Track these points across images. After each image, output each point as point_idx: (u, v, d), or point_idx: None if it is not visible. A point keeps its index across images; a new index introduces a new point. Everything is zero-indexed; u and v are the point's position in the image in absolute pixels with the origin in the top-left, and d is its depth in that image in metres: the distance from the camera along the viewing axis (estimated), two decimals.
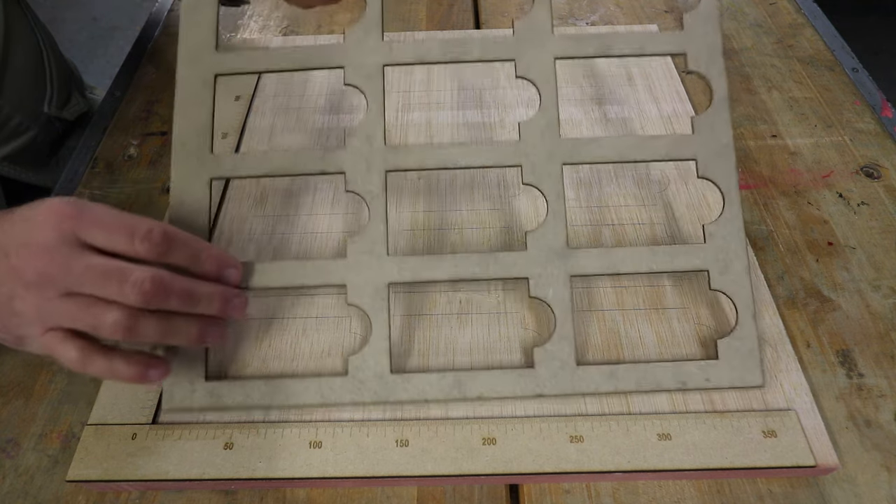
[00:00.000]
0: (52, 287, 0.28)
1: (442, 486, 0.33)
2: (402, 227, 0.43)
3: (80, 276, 0.28)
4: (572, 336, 0.34)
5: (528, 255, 0.35)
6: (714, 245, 0.35)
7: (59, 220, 0.28)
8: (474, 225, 0.43)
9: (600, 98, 0.51)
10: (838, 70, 0.53)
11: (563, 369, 0.34)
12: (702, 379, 0.34)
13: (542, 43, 0.37)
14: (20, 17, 0.55)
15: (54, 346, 0.29)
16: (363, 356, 0.34)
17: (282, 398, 0.34)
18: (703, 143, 0.36)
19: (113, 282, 0.28)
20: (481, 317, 0.38)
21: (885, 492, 0.32)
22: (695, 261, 0.35)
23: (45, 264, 0.28)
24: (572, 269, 0.35)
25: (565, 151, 0.36)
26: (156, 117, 0.53)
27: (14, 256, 0.28)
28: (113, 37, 1.82)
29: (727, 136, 0.36)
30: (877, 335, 0.38)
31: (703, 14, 0.38)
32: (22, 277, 0.28)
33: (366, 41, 0.37)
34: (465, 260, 0.35)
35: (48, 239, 0.28)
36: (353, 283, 0.35)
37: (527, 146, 0.36)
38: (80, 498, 0.33)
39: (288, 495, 0.33)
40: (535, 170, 0.36)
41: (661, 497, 0.32)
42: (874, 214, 0.43)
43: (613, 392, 0.34)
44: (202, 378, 0.35)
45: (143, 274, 0.28)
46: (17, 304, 0.28)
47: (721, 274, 0.35)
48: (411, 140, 0.48)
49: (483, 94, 0.51)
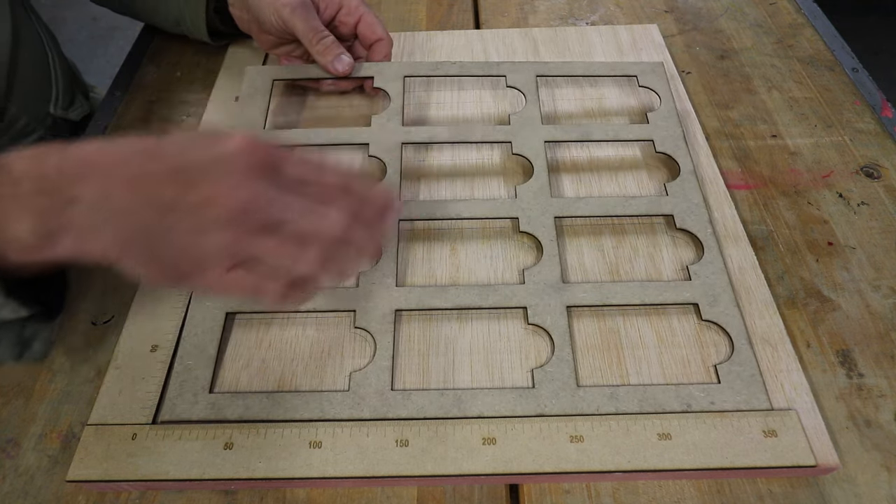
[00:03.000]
0: (252, 220, 0.26)
1: (442, 486, 0.33)
2: (403, 226, 0.43)
3: (281, 210, 0.27)
4: (571, 360, 0.35)
5: (526, 288, 0.38)
6: (700, 282, 0.38)
7: (254, 152, 0.27)
8: (474, 225, 0.43)
9: (600, 97, 0.51)
10: (838, 70, 0.53)
11: (564, 390, 0.34)
12: (706, 402, 0.34)
13: (534, 130, 0.46)
14: (26, 19, 0.55)
15: (237, 280, 0.27)
16: (365, 373, 0.35)
17: (281, 412, 0.34)
18: (676, 203, 0.42)
19: (315, 220, 0.27)
20: (481, 316, 0.38)
21: (885, 492, 0.32)
22: (684, 295, 0.38)
23: (247, 197, 0.26)
24: (568, 300, 0.37)
25: (556, 208, 0.41)
26: (156, 117, 0.53)
27: (206, 186, 0.26)
28: (113, 37, 1.83)
29: (698, 198, 0.42)
30: (877, 335, 0.38)
31: (663, 113, 0.47)
32: (219, 209, 0.26)
33: (388, 126, 0.46)
34: (466, 291, 0.38)
35: (246, 170, 0.26)
36: (361, 308, 0.37)
37: (522, 203, 0.42)
38: (80, 498, 0.33)
39: (288, 495, 0.33)
40: (530, 222, 0.41)
41: (661, 497, 0.32)
42: (874, 214, 0.43)
43: (615, 414, 0.33)
44: (206, 390, 0.35)
45: (341, 216, 0.28)
46: (208, 237, 0.26)
47: (711, 306, 0.37)
48: (409, 154, 0.48)
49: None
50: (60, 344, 0.39)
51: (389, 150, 0.45)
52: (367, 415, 0.34)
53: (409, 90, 0.52)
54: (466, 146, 0.48)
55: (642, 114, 0.49)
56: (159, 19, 0.57)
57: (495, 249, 0.41)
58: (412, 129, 0.46)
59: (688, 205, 0.42)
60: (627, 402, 0.34)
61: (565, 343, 0.36)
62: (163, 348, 0.37)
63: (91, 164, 0.27)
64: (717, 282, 0.38)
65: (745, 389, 0.34)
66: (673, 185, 0.43)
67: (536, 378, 0.35)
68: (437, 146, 0.48)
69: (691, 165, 0.44)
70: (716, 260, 0.39)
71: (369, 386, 0.35)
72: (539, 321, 0.37)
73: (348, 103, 0.52)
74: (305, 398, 0.34)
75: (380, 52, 0.50)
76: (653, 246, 0.41)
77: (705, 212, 0.41)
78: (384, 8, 0.63)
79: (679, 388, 0.34)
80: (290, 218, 0.27)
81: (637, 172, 0.46)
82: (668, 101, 0.47)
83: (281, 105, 0.52)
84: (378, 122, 0.46)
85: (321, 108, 0.52)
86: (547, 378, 0.35)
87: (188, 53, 0.59)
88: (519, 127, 0.46)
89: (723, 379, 0.35)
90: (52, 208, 0.26)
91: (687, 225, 0.41)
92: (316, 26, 0.47)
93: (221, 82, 0.54)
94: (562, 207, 0.41)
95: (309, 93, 0.53)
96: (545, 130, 0.45)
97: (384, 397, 0.34)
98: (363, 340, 0.37)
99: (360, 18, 0.49)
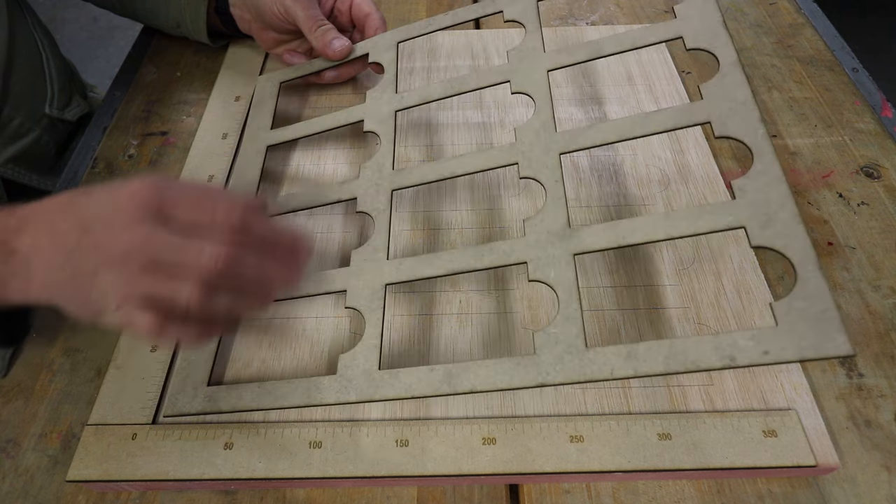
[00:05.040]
0: (134, 261, 0.29)
1: (442, 486, 0.33)
2: (403, 227, 0.43)
3: (159, 249, 0.29)
4: (580, 317, 0.30)
5: (526, 241, 0.33)
6: (747, 200, 0.30)
7: (143, 197, 0.29)
8: (473, 225, 0.43)
9: (600, 98, 0.51)
10: (838, 70, 0.53)
11: (570, 353, 0.29)
12: (758, 352, 0.26)
13: (535, 61, 0.40)
14: (22, 18, 0.55)
15: (130, 316, 0.29)
16: (353, 354, 0.33)
17: (270, 400, 0.33)
18: (715, 105, 0.33)
19: (191, 254, 0.29)
20: (481, 317, 0.38)
21: (885, 492, 0.32)
22: (726, 219, 0.30)
23: (129, 239, 0.29)
24: (575, 247, 0.32)
25: (562, 142, 0.36)
26: (156, 117, 0.53)
27: (99, 232, 0.29)
28: (113, 37, 1.82)
29: (745, 94, 0.33)
30: (877, 335, 0.38)
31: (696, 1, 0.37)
32: (106, 252, 0.29)
33: (382, 96, 0.44)
34: (460, 254, 0.34)
35: (133, 216, 0.29)
36: (352, 287, 0.35)
37: (523, 145, 0.37)
38: (80, 498, 0.33)
39: (288, 495, 0.33)
40: (531, 164, 0.36)
41: (661, 497, 0.32)
42: (874, 214, 0.43)
43: (633, 376, 0.28)
44: (205, 384, 0.35)
45: (220, 249, 0.29)
46: (100, 278, 0.29)
47: (763, 228, 0.29)
48: (410, 140, 0.48)
49: (483, 94, 0.51)
50: (61, 344, 0.39)
51: (383, 121, 0.43)
52: (353, 398, 0.32)
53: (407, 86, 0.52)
54: (464, 145, 0.48)
55: None
56: (159, 21, 0.57)
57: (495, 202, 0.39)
58: (405, 94, 0.43)
59: (731, 105, 0.33)
60: (650, 361, 0.28)
61: (572, 298, 0.30)
62: (163, 348, 0.37)
63: (26, 219, 0.31)
64: (773, 195, 0.30)
65: (813, 331, 0.26)
66: (709, 84, 0.34)
67: (537, 342, 0.30)
68: (436, 145, 0.48)
69: (734, 55, 0.34)
70: (770, 169, 0.31)
71: (357, 367, 0.33)
72: (541, 276, 0.32)
73: (349, 102, 0.52)
74: (294, 385, 0.33)
75: (371, 27, 0.50)
76: None
77: (756, 109, 0.32)
78: (384, 8, 0.63)
79: (719, 339, 0.27)
80: (168, 256, 0.29)
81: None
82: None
83: (283, 106, 0.52)
84: (372, 95, 0.45)
85: (322, 110, 0.52)
86: (550, 341, 0.30)
87: (188, 53, 0.59)
88: (518, 62, 0.40)
89: (781, 320, 0.27)
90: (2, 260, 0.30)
91: (730, 130, 0.32)
92: (316, 14, 0.48)
93: (221, 82, 0.54)
94: (568, 141, 0.36)
95: (311, 92, 0.53)
96: (548, 58, 0.39)
97: (371, 378, 0.32)
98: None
99: (352, 2, 0.51)
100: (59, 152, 0.59)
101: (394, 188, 0.39)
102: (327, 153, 0.48)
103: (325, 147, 0.49)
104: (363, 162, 0.42)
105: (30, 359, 0.39)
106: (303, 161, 0.48)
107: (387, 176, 0.40)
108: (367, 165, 0.41)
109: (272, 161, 0.49)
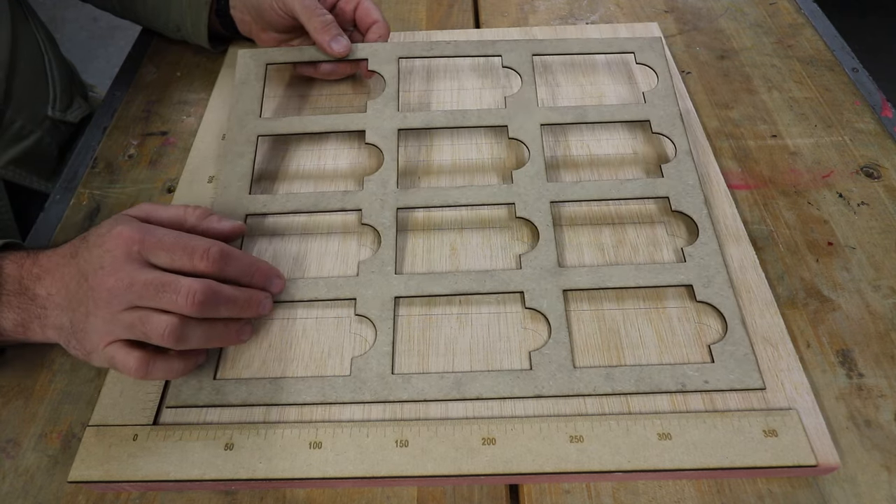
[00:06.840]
0: (118, 303, 0.32)
1: (442, 487, 0.33)
2: (401, 214, 0.43)
3: (140, 290, 0.32)
4: (568, 342, 0.36)
5: (523, 273, 0.38)
6: (694, 263, 0.38)
7: (126, 243, 0.32)
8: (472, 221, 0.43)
9: (600, 96, 0.51)
10: (838, 70, 0.53)
11: (561, 371, 0.35)
12: (700, 381, 0.34)
13: (530, 113, 0.45)
14: (24, 20, 0.55)
15: (115, 356, 0.32)
16: (366, 358, 0.36)
17: (283, 396, 0.35)
18: (672, 185, 0.41)
19: (168, 293, 0.31)
20: (481, 317, 0.38)
21: (885, 492, 0.32)
22: (678, 277, 0.38)
23: (113, 283, 0.32)
24: (564, 284, 0.38)
25: (553, 192, 0.41)
26: (156, 117, 0.53)
27: (91, 278, 0.32)
28: (113, 37, 1.82)
29: (693, 179, 0.42)
30: (877, 335, 0.38)
31: (661, 92, 0.46)
32: (95, 296, 0.32)
33: (384, 111, 0.46)
34: (464, 277, 0.38)
35: (117, 261, 0.32)
36: (362, 296, 0.38)
37: (519, 188, 0.42)
38: (80, 498, 0.33)
39: (288, 495, 0.33)
40: (526, 207, 0.41)
41: (661, 497, 0.32)
42: (874, 214, 0.43)
43: (611, 393, 0.34)
44: (210, 377, 0.35)
45: (195, 285, 0.32)
46: (91, 320, 0.32)
47: (705, 287, 0.37)
48: (411, 140, 0.48)
49: (482, 95, 0.51)
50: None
51: (386, 137, 0.44)
52: (368, 398, 0.34)
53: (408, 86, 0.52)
54: (464, 142, 0.48)
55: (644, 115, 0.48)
56: (159, 24, 0.57)
57: (493, 238, 0.42)
58: (408, 114, 0.46)
59: (683, 186, 0.41)
60: (623, 381, 0.34)
61: (562, 326, 0.36)
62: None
63: (43, 267, 0.34)
64: (712, 263, 0.38)
65: (738, 368, 0.34)
66: (668, 166, 0.42)
67: (534, 360, 0.35)
68: (435, 145, 0.48)
69: (687, 146, 0.43)
70: (710, 241, 0.39)
71: (370, 370, 0.35)
72: (536, 305, 0.37)
73: (349, 102, 0.52)
74: (308, 382, 0.35)
75: (375, 33, 0.50)
76: (653, 245, 0.41)
77: (700, 193, 0.41)
78: (384, 8, 0.63)
79: (674, 368, 0.35)
80: (147, 293, 0.32)
81: (635, 168, 0.45)
82: (666, 79, 0.47)
83: (281, 101, 0.52)
84: (374, 107, 0.46)
85: (323, 110, 0.52)
86: (544, 360, 0.35)
87: (188, 53, 0.59)
88: (515, 110, 0.45)
89: (716, 358, 0.35)
90: (24, 304, 0.34)
91: (682, 207, 0.40)
92: (315, 4, 0.47)
93: (222, 82, 0.54)
94: (558, 192, 0.41)
95: (311, 92, 0.53)
96: (541, 113, 0.45)
97: (385, 381, 0.35)
98: (363, 340, 0.37)
99: (358, 4, 0.50)
100: (61, 154, 0.59)
101: (399, 206, 0.41)
102: (327, 152, 0.48)
103: (326, 146, 0.49)
104: (365, 170, 0.44)
105: (30, 359, 0.39)
106: (302, 158, 0.48)
107: (391, 193, 0.42)
108: (371, 179, 0.43)
109: (269, 154, 0.48)
